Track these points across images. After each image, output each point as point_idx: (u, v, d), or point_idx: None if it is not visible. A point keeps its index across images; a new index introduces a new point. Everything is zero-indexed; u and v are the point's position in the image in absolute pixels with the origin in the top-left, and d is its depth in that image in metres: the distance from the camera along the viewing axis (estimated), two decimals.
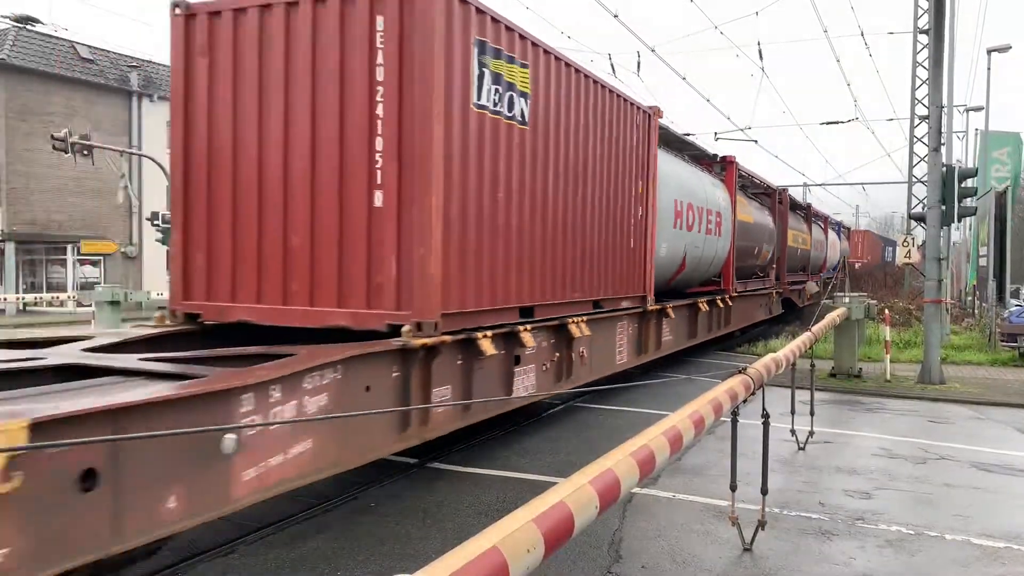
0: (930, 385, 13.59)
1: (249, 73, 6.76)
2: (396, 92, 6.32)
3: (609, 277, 9.96)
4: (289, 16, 6.59)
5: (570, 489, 2.68)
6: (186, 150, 7.09)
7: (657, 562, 5.37)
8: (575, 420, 10.03)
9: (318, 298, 6.55)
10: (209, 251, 6.97)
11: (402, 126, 6.32)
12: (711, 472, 7.55)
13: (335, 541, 5.62)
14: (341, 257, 6.49)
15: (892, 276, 33.77)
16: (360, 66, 6.40)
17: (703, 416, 4.07)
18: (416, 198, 6.28)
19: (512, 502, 6.36)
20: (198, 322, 7.03)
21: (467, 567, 2.01)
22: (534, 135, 7.89)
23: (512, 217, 7.57)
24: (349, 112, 6.44)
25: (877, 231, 77.63)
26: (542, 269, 8.20)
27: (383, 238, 6.37)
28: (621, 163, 10.20)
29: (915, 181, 25.32)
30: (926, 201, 15.40)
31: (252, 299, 6.79)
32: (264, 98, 6.71)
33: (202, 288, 7.01)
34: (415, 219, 6.28)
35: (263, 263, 6.74)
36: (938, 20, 14.67)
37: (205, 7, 6.95)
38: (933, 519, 6.43)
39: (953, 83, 23.48)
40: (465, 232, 6.82)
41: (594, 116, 9.33)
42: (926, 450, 8.95)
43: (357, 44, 6.40)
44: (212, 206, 6.95)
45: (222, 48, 6.88)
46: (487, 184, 7.13)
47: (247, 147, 6.79)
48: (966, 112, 35.66)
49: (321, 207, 6.53)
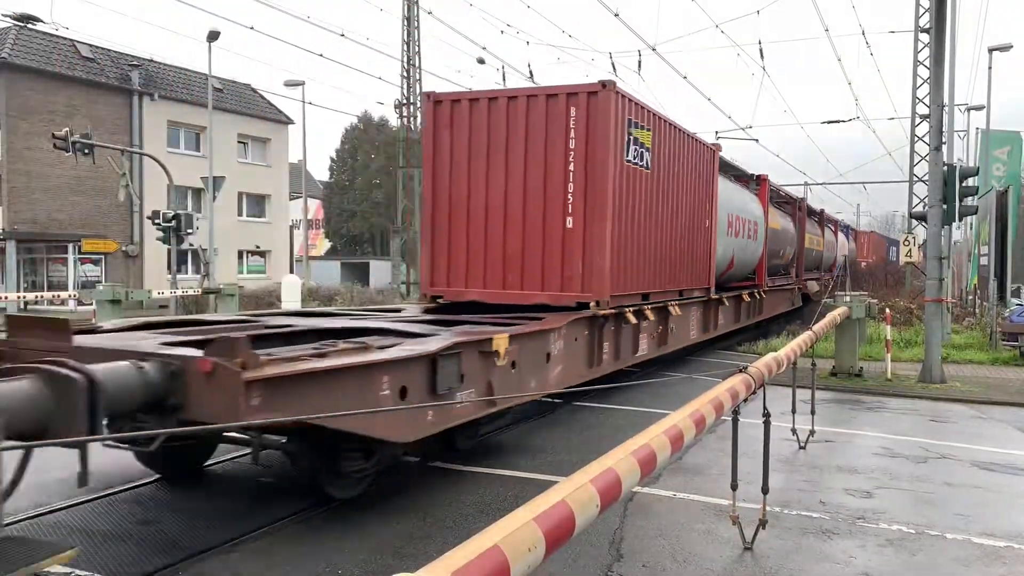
0: (931, 384, 13.59)
1: (478, 140, 10.14)
2: (583, 154, 9.68)
3: (688, 273, 13.26)
4: (509, 105, 10.00)
5: (571, 488, 2.68)
6: (434, 190, 10.48)
7: (658, 561, 5.37)
8: (576, 419, 10.03)
9: (526, 285, 10.04)
10: (448, 256, 10.47)
11: (587, 176, 9.70)
12: (712, 471, 7.55)
13: (335, 540, 5.62)
14: (543, 259, 9.92)
15: (893, 275, 33.79)
16: (558, 137, 9.76)
17: (704, 415, 4.07)
18: (595, 222, 9.76)
19: (513, 501, 6.36)
20: (438, 302, 10.57)
21: (468, 566, 2.01)
22: (652, 177, 11.27)
23: (641, 233, 10.99)
24: (550, 167, 9.83)
25: (878, 230, 77.78)
26: (654, 267, 11.58)
27: (572, 248, 9.80)
28: (697, 188, 13.49)
29: (916, 180, 25.31)
30: (927, 200, 15.39)
31: (480, 286, 10.29)
32: (490, 157, 10.09)
33: (443, 279, 10.52)
34: (594, 235, 9.76)
35: (488, 263, 10.20)
36: (939, 19, 14.66)
37: (448, 96, 10.47)
38: (934, 518, 6.43)
39: (954, 82, 23.47)
40: (620, 244, 10.21)
41: (682, 156, 12.68)
42: (927, 449, 8.95)
43: (557, 123, 9.75)
44: (451, 227, 10.40)
45: (460, 124, 10.23)
46: (630, 212, 10.54)
47: (477, 189, 10.18)
48: (967, 111, 35.64)
49: (529, 228, 9.98)
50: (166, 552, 5.28)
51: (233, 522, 5.87)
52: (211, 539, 5.51)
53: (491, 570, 2.08)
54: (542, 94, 9.91)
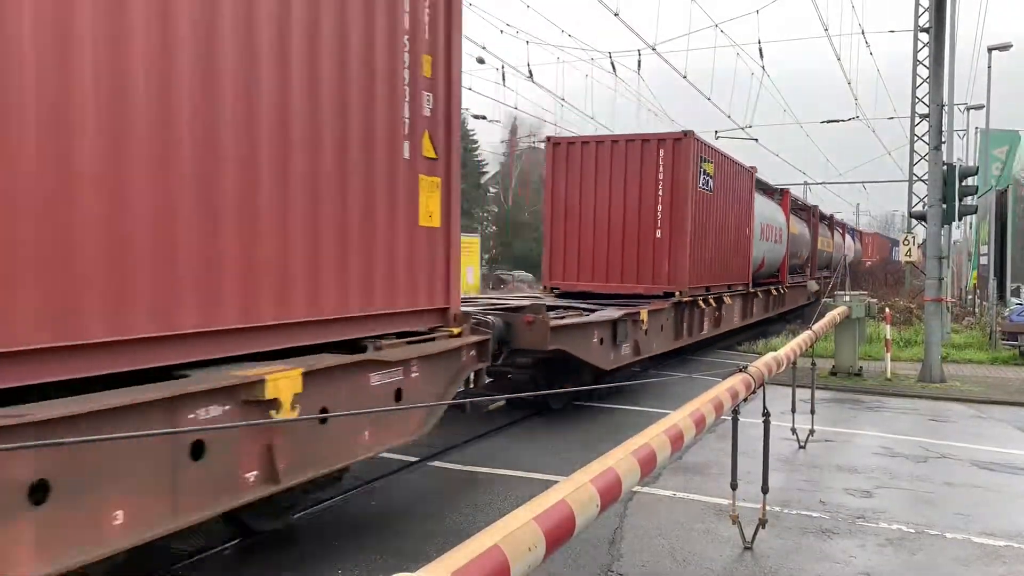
0: (931, 384, 13.59)
1: (588, 172, 13.47)
2: (669, 183, 13.02)
3: (734, 271, 16.36)
4: (613, 146, 13.38)
5: (571, 488, 2.68)
6: (553, 209, 13.73)
7: (658, 560, 5.37)
8: (576, 418, 10.04)
9: (625, 279, 13.28)
10: (564, 256, 13.69)
11: (672, 199, 13.02)
12: (712, 470, 7.55)
13: (334, 540, 5.62)
14: (638, 260, 13.19)
15: (893, 275, 33.85)
16: (651, 171, 13.09)
17: (704, 415, 4.08)
18: (678, 233, 13.04)
19: (513, 500, 6.36)
20: (555, 292, 13.73)
21: (468, 566, 2.01)
22: (714, 198, 14.53)
23: (706, 240, 14.13)
24: (644, 192, 13.11)
25: (878, 230, 77.98)
26: (713, 266, 14.66)
27: (661, 252, 13.07)
28: (741, 204, 16.73)
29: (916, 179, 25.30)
30: (927, 199, 15.40)
31: (589, 279, 13.52)
32: (597, 185, 13.39)
33: (560, 274, 13.77)
34: (677, 243, 13.03)
35: (595, 262, 13.44)
36: (939, 18, 14.66)
37: (565, 140, 13.96)
38: (934, 518, 6.43)
39: (954, 81, 23.47)
40: (694, 248, 13.31)
41: (731, 179, 15.87)
42: (927, 449, 8.95)
43: (650, 161, 13.09)
44: (567, 236, 13.65)
45: (574, 160, 13.54)
46: (700, 225, 13.70)
47: (586, 208, 13.47)
48: (967, 110, 35.62)
49: (627, 236, 13.25)
50: (164, 553, 5.27)
51: (232, 522, 5.84)
52: (209, 540, 5.51)
53: (491, 570, 2.08)
54: (639, 139, 13.29)
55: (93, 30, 3.61)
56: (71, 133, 3.55)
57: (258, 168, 4.50)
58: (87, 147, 3.62)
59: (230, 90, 4.32)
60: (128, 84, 3.78)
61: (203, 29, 4.16)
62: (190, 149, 4.10)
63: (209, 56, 4.20)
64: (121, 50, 3.74)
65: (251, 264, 4.48)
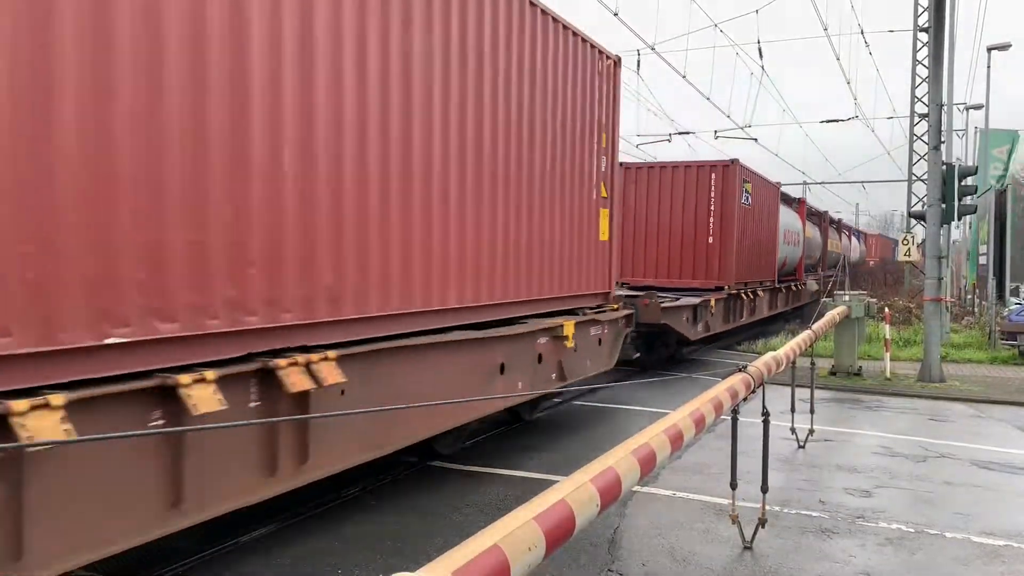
0: (930, 383, 13.60)
1: (652, 190, 16.47)
2: (719, 200, 16.11)
3: (764, 270, 19.43)
4: (673, 171, 16.45)
5: (571, 487, 2.68)
6: (623, 219, 15.62)
7: (657, 560, 5.37)
8: (576, 418, 10.04)
9: (682, 274, 16.24)
10: (632, 257, 16.50)
11: (722, 214, 16.10)
12: (711, 470, 7.55)
13: (335, 540, 5.62)
14: (694, 260, 16.19)
15: (892, 274, 33.92)
16: (703, 192, 16.24)
17: (704, 414, 4.08)
18: (726, 240, 16.11)
19: (513, 500, 6.36)
20: (625, 286, 15.56)
21: (468, 565, 2.01)
22: (751, 210, 17.54)
23: (746, 244, 17.20)
24: (699, 207, 16.24)
25: (878, 230, 78.17)
26: (751, 265, 17.78)
27: (712, 253, 16.12)
28: (768, 214, 19.76)
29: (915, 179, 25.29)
30: (926, 199, 15.40)
31: (652, 276, 16.37)
32: (660, 200, 16.38)
33: (628, 272, 16.39)
34: (726, 247, 16.09)
35: (658, 261, 16.42)
36: (938, 18, 14.66)
37: (634, 166, 16.99)
38: (933, 517, 6.43)
39: (953, 81, 23.45)
40: (738, 251, 16.32)
41: (762, 194, 18.79)
42: (926, 448, 8.96)
43: (703, 182, 16.23)
44: (634, 241, 16.49)
45: (641, 180, 16.59)
46: (742, 232, 16.68)
47: (650, 218, 16.48)
48: (966, 110, 35.60)
49: (683, 243, 16.29)
50: (163, 554, 5.27)
51: (232, 522, 5.85)
52: (209, 541, 5.51)
53: (491, 569, 2.08)
54: (695, 166, 16.58)
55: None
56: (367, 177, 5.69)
57: (531, 211, 7.93)
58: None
59: (538, 179, 8.08)
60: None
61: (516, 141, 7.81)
62: (502, 207, 7.44)
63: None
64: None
65: (539, 265, 8.13)
